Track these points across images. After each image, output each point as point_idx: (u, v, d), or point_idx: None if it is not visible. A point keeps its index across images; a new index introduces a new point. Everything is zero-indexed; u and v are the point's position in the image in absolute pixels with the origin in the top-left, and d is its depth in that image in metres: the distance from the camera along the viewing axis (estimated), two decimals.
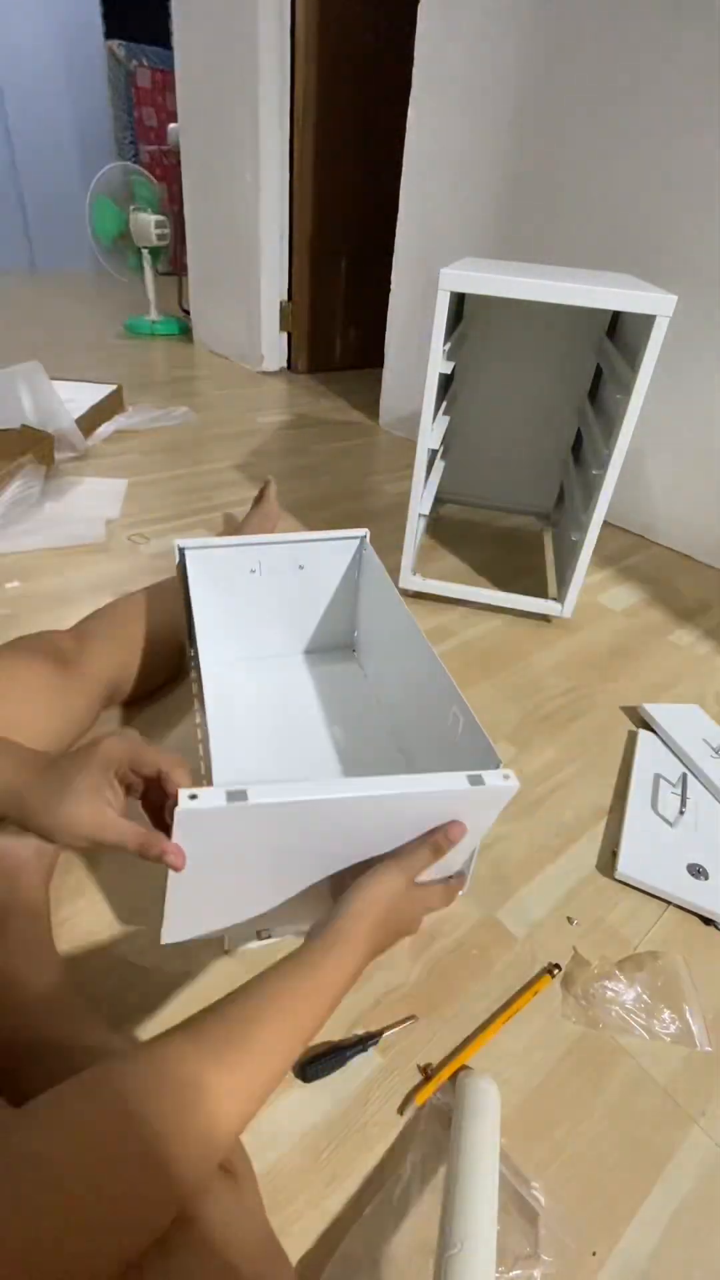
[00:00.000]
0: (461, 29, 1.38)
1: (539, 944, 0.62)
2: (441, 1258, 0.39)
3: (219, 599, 0.80)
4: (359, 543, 0.82)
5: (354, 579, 0.85)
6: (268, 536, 0.79)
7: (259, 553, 0.79)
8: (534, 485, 1.38)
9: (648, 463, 1.38)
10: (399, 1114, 0.49)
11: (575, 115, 1.27)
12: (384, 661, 0.82)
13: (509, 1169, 0.46)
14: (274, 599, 0.84)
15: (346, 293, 2.42)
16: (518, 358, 1.24)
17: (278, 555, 0.80)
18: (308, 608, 0.87)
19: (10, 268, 4.43)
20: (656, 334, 0.79)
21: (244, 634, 0.86)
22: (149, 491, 1.42)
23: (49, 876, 0.60)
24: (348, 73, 2.04)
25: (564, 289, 0.80)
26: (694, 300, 1.19)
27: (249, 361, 2.47)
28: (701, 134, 1.12)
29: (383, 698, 0.83)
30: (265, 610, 0.84)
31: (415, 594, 1.13)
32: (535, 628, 1.09)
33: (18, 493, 1.22)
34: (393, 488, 1.57)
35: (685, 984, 0.59)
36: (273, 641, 0.88)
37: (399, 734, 0.77)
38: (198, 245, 2.51)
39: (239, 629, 0.85)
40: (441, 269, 0.82)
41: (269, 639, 0.88)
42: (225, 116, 2.09)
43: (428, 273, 1.67)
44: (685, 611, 1.18)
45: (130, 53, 4.02)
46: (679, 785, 0.79)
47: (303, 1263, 0.42)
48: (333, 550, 0.82)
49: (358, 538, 0.82)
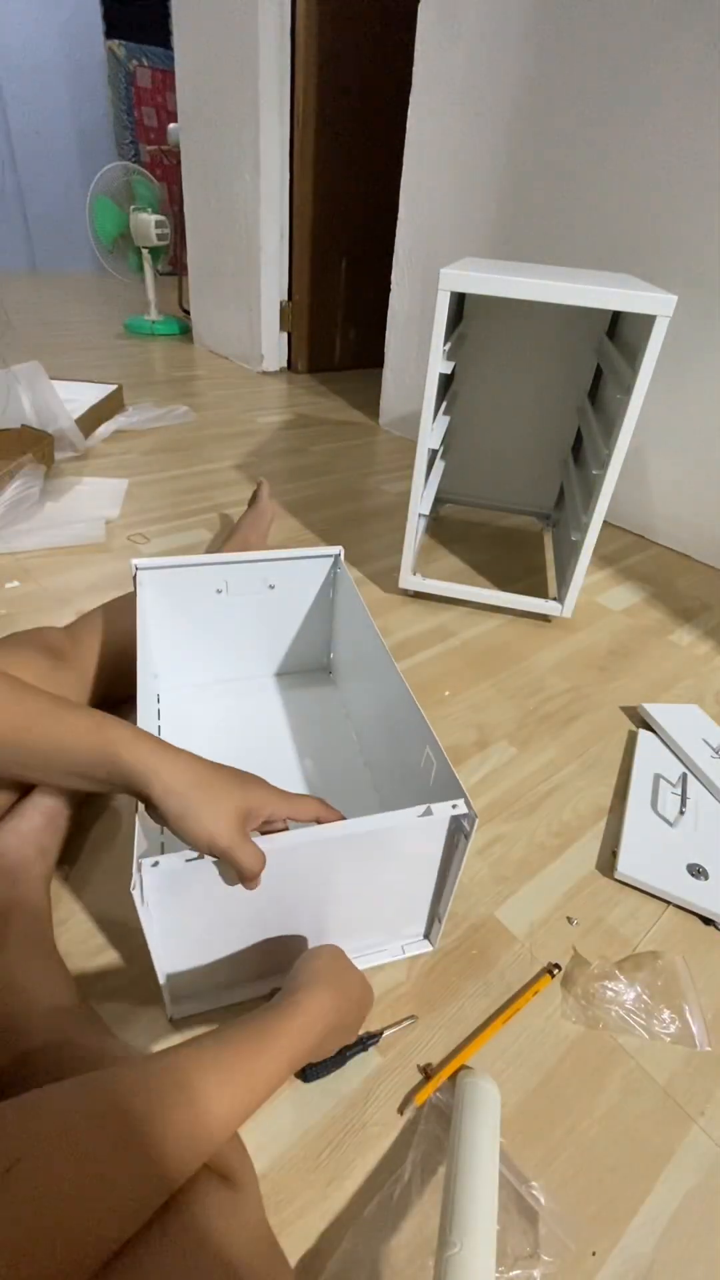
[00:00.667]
0: (461, 29, 1.38)
1: (539, 944, 0.62)
2: (441, 1257, 0.39)
3: (182, 621, 0.77)
4: (333, 560, 0.79)
5: (328, 598, 0.82)
6: (236, 555, 0.76)
7: (225, 572, 0.75)
8: (534, 485, 1.38)
9: (648, 463, 1.38)
10: (399, 1114, 0.49)
11: (575, 115, 1.27)
12: (362, 684, 0.78)
13: (509, 1169, 0.46)
14: (243, 620, 0.80)
15: (346, 293, 2.42)
16: (518, 358, 1.24)
17: (246, 574, 0.76)
18: (279, 629, 0.83)
19: (10, 268, 4.43)
20: (656, 334, 0.79)
21: (210, 657, 0.82)
22: (149, 491, 1.42)
23: (50, 876, 0.60)
24: (348, 72, 2.04)
25: (564, 289, 0.80)
26: (694, 300, 1.19)
27: (249, 361, 2.47)
28: (701, 134, 1.12)
29: (359, 721, 0.80)
30: (233, 632, 0.81)
31: (415, 594, 1.13)
32: (535, 628, 1.09)
33: (18, 493, 1.22)
34: (393, 488, 1.57)
35: (685, 984, 0.59)
36: (241, 665, 0.84)
37: (372, 765, 0.75)
38: (198, 245, 2.51)
39: (204, 652, 0.81)
40: (441, 269, 0.82)
41: (237, 662, 0.84)
42: (225, 116, 2.09)
43: (427, 273, 1.67)
44: (685, 611, 1.18)
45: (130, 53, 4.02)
46: (679, 785, 0.79)
47: (303, 1263, 0.42)
48: (305, 569, 0.78)
49: (331, 555, 0.78)
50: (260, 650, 0.85)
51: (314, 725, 0.81)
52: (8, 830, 0.59)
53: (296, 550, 0.77)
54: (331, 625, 0.85)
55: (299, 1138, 0.48)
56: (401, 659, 0.98)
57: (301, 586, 0.80)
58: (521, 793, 0.78)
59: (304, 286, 2.30)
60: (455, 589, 1.10)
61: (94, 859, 0.65)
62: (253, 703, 0.83)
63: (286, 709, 0.83)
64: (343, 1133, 0.48)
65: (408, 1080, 0.51)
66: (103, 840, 0.67)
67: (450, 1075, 0.51)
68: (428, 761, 0.56)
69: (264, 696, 0.84)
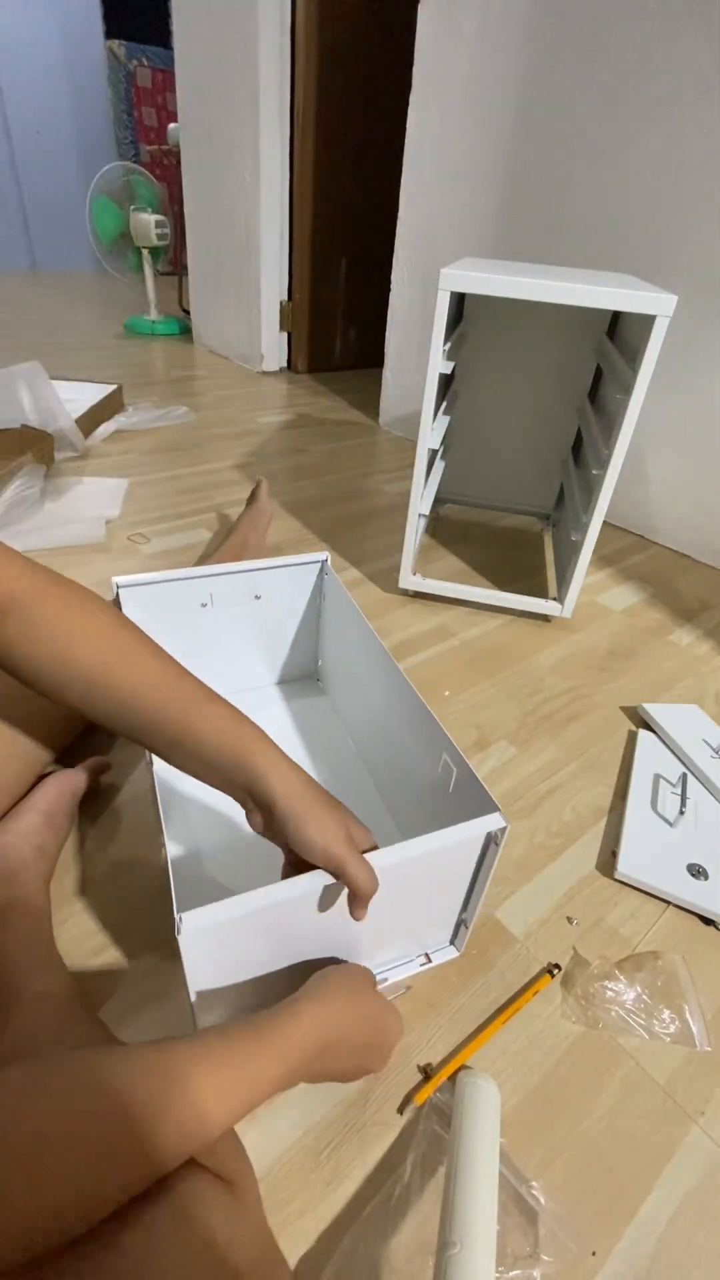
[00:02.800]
0: (462, 28, 1.38)
1: (539, 944, 0.62)
2: (441, 1257, 0.39)
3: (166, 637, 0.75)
4: (319, 567, 0.78)
5: (317, 605, 0.81)
6: (220, 567, 0.74)
7: (210, 585, 0.74)
8: (534, 485, 1.38)
9: (648, 463, 1.38)
10: (399, 1114, 0.49)
11: (575, 115, 1.27)
12: (354, 691, 0.77)
13: (509, 1169, 0.46)
14: (229, 632, 0.78)
15: (346, 293, 2.42)
16: (518, 357, 1.24)
17: (231, 586, 0.75)
18: (268, 640, 0.82)
19: (10, 268, 4.43)
20: (656, 334, 0.79)
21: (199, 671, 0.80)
22: (149, 491, 1.42)
23: (50, 876, 0.60)
24: (348, 72, 2.04)
25: (564, 289, 0.80)
26: (694, 300, 1.19)
27: (249, 361, 2.47)
28: (702, 134, 1.12)
29: (355, 729, 0.79)
30: (220, 645, 0.79)
31: (415, 594, 1.13)
32: (535, 628, 1.09)
33: (17, 493, 1.22)
34: (393, 488, 1.57)
35: (685, 984, 0.59)
36: (230, 678, 0.83)
37: (374, 772, 0.74)
38: (198, 245, 2.51)
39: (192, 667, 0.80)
40: (441, 269, 0.82)
41: (226, 675, 0.83)
42: (225, 116, 2.09)
43: (427, 273, 1.67)
44: (685, 611, 1.18)
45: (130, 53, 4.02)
46: (679, 785, 0.79)
47: (303, 1263, 0.42)
48: (291, 577, 0.77)
49: (318, 562, 0.77)
50: (249, 662, 0.84)
51: (310, 734, 0.81)
52: (6, 830, 0.59)
53: (283, 559, 0.76)
54: (318, 633, 0.84)
55: (299, 1138, 0.48)
56: (401, 659, 0.98)
57: (289, 595, 0.79)
58: (521, 793, 0.78)
59: (304, 286, 2.30)
60: (455, 589, 1.10)
61: (94, 858, 0.65)
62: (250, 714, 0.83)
63: (281, 719, 0.83)
64: (343, 1133, 0.48)
65: (407, 1080, 0.51)
66: (103, 839, 0.67)
67: (450, 1075, 0.51)
68: (446, 768, 0.56)
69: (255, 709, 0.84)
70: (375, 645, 0.67)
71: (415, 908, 0.53)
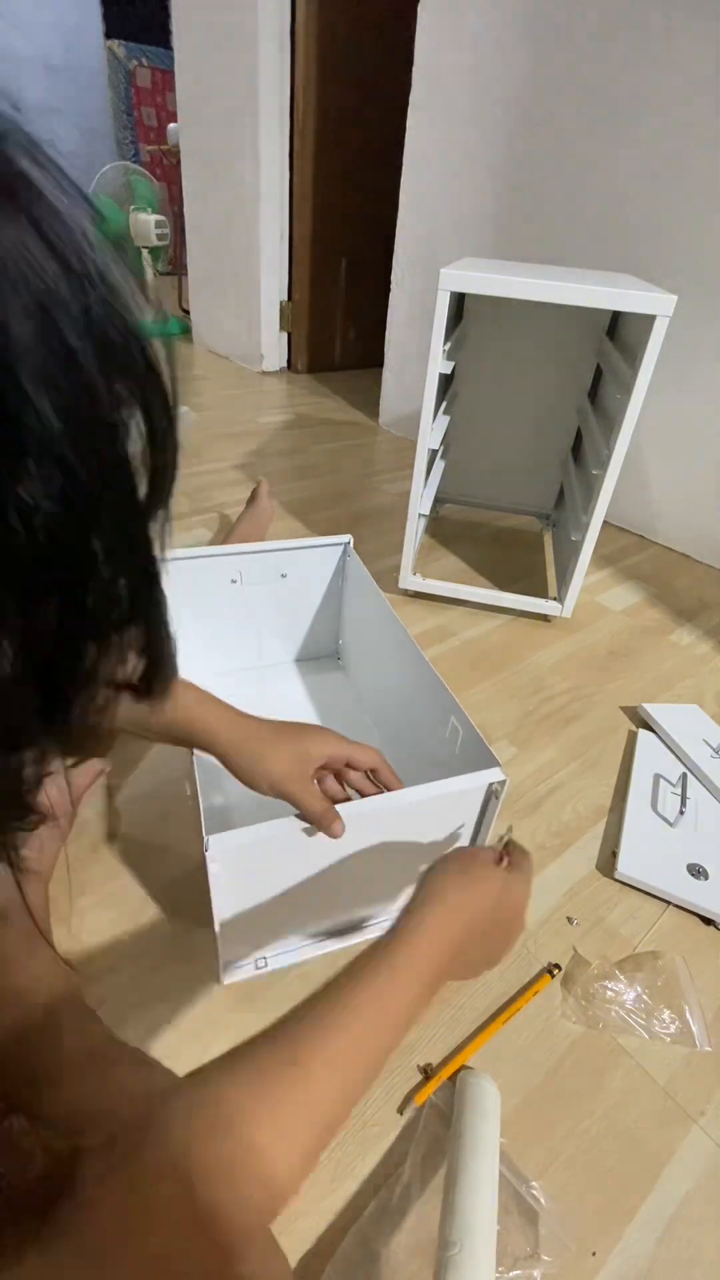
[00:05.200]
0: (462, 29, 1.38)
1: (539, 944, 0.62)
2: (441, 1257, 0.39)
3: (198, 611, 0.79)
4: (343, 549, 0.81)
5: (339, 586, 0.84)
6: (249, 545, 0.78)
7: (239, 563, 0.77)
8: (534, 485, 1.38)
9: (648, 463, 1.38)
10: (399, 1114, 0.49)
11: (575, 115, 1.27)
12: (373, 669, 0.80)
13: (509, 1169, 0.46)
14: (256, 609, 0.82)
15: (346, 293, 2.41)
16: (518, 357, 1.23)
17: (259, 564, 0.79)
18: (291, 617, 0.85)
19: None
20: (656, 334, 0.79)
21: (225, 646, 0.84)
22: None
23: (49, 875, 0.60)
24: (347, 72, 2.03)
25: (564, 289, 0.80)
26: (694, 300, 1.19)
27: (249, 361, 2.47)
28: (701, 134, 1.12)
29: (372, 706, 0.82)
30: (247, 621, 0.83)
31: (415, 594, 1.13)
32: (535, 628, 1.09)
33: None
34: (393, 488, 1.57)
35: (685, 984, 0.59)
36: (255, 652, 0.87)
37: (392, 742, 0.76)
38: (198, 245, 2.51)
39: (219, 641, 0.83)
40: (441, 269, 0.82)
41: (251, 650, 0.86)
42: (225, 116, 2.09)
43: (428, 273, 1.67)
44: (685, 611, 1.18)
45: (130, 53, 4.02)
46: (679, 785, 0.79)
47: (303, 1263, 0.42)
48: (316, 557, 0.81)
49: (341, 544, 0.80)
50: (273, 638, 0.87)
51: (328, 710, 0.84)
52: None
53: (308, 540, 0.79)
54: (340, 611, 0.87)
55: None
56: None
57: (312, 575, 0.83)
58: (521, 793, 0.78)
59: (304, 286, 2.30)
60: (455, 589, 1.10)
61: (94, 858, 0.65)
62: (268, 690, 0.86)
63: (301, 694, 0.86)
64: (342, 1133, 0.48)
65: (407, 1080, 0.51)
66: (103, 839, 0.67)
67: (450, 1075, 0.51)
68: (453, 731, 0.59)
69: (278, 684, 0.88)
70: (395, 625, 0.70)
71: (426, 854, 0.55)
